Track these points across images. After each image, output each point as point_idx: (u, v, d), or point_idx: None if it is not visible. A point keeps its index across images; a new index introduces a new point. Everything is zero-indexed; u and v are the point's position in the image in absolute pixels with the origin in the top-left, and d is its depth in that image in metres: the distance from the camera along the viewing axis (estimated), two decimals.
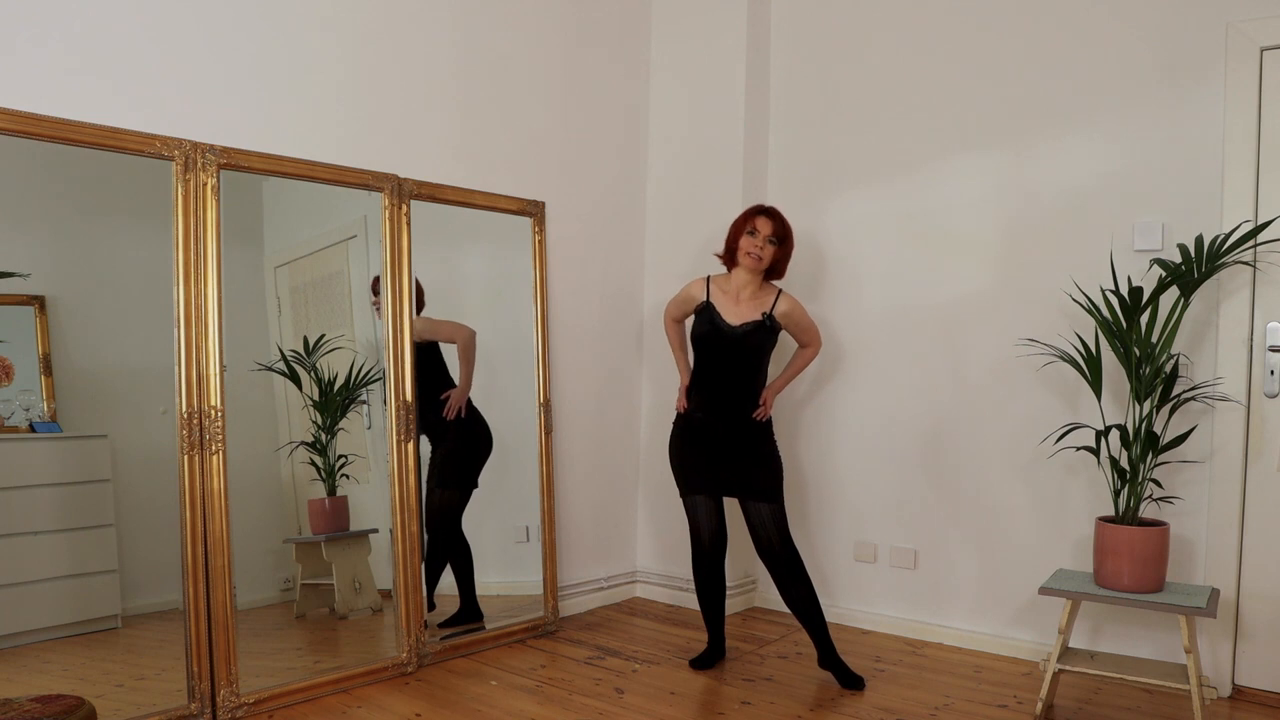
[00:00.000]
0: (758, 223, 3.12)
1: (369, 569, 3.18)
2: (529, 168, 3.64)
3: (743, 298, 3.15)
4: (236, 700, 2.63)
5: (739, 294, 3.16)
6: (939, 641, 3.51)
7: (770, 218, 3.14)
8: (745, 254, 3.11)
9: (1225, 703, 2.93)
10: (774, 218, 3.14)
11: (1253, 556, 2.95)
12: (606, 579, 4.00)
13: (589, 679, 3.05)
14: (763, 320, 3.12)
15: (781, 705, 2.85)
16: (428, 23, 3.29)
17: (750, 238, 3.11)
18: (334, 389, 3.11)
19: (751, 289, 3.16)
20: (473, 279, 3.64)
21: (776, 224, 3.14)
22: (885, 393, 3.66)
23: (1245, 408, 2.94)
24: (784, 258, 3.18)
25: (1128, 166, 3.14)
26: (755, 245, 3.11)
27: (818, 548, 3.83)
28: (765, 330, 3.12)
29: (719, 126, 3.90)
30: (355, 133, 3.08)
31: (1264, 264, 2.91)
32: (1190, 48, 3.03)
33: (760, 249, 3.11)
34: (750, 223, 3.13)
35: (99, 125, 2.46)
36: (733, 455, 3.10)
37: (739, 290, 3.16)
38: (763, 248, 3.11)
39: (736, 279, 3.18)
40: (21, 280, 2.47)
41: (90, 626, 2.65)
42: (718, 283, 3.21)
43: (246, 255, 2.95)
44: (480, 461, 3.44)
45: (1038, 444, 3.26)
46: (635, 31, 4.06)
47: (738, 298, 3.15)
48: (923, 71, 3.58)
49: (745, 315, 3.13)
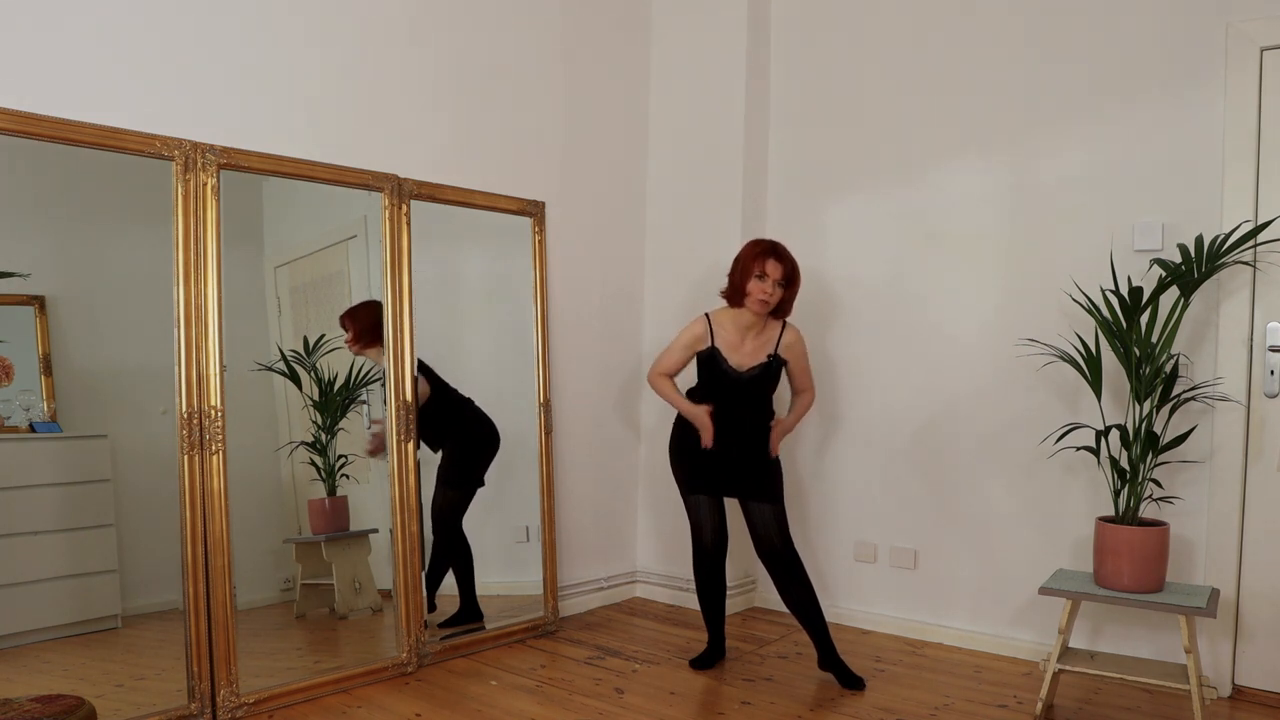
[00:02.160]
0: (768, 266, 3.00)
1: (369, 569, 3.18)
2: (529, 168, 3.64)
3: (748, 338, 3.09)
4: (236, 700, 2.63)
5: (744, 335, 3.09)
6: (939, 641, 3.51)
7: (780, 260, 3.03)
8: (755, 299, 3.01)
9: (1225, 703, 2.93)
10: (783, 259, 3.03)
11: (1253, 556, 2.95)
12: (606, 579, 4.00)
13: (589, 679, 3.05)
14: (769, 361, 3.10)
15: (781, 705, 2.85)
16: (428, 23, 3.29)
17: (760, 282, 3.00)
18: (334, 389, 3.11)
19: (757, 328, 3.10)
20: (473, 279, 3.64)
21: (786, 266, 3.03)
22: (885, 392, 3.66)
23: (1245, 408, 2.94)
24: (792, 297, 3.10)
25: (1128, 167, 3.14)
26: (765, 291, 3.00)
27: (818, 548, 3.83)
28: (772, 369, 3.11)
29: (719, 126, 3.90)
30: (355, 133, 3.08)
31: (1264, 264, 2.91)
32: (1190, 48, 3.03)
33: (770, 294, 3.01)
34: (760, 266, 3.01)
35: (99, 125, 2.46)
36: (734, 456, 3.10)
37: (744, 331, 3.09)
38: (772, 293, 3.02)
39: (741, 319, 3.09)
40: (21, 280, 2.47)
41: (90, 626, 2.66)
42: (720, 321, 3.11)
43: (246, 255, 2.95)
44: (484, 461, 3.44)
45: (1038, 444, 3.26)
46: (635, 31, 4.06)
47: (743, 339, 3.09)
48: (923, 71, 3.58)
49: (752, 358, 3.08)
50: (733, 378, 3.07)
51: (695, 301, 3.88)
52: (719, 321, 3.12)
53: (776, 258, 3.03)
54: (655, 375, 3.21)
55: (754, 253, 3.05)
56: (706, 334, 3.10)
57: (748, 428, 3.11)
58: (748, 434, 3.11)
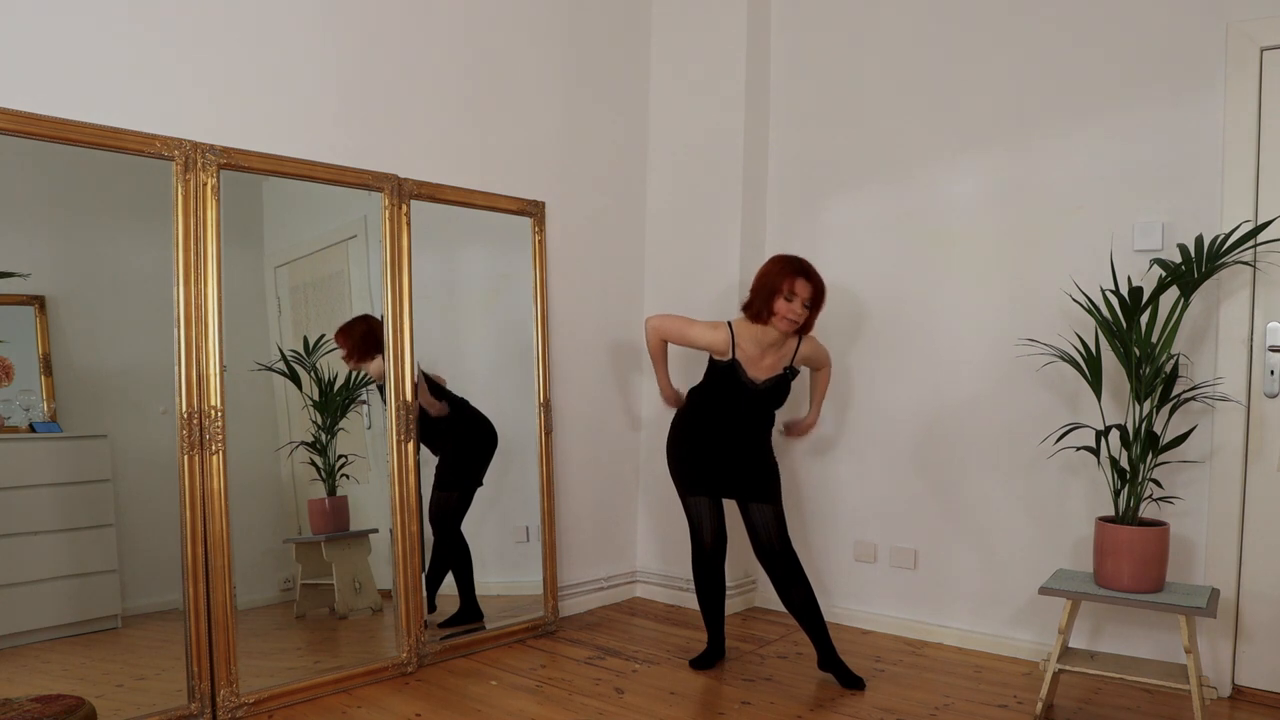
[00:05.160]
0: (797, 286, 2.94)
1: (369, 569, 3.18)
2: (529, 168, 3.64)
3: (768, 354, 3.07)
4: (236, 700, 2.63)
5: (765, 350, 3.06)
6: (939, 641, 3.51)
7: (809, 280, 2.96)
8: (783, 319, 2.95)
9: (1225, 703, 2.93)
10: (812, 279, 2.98)
11: (1253, 556, 2.95)
12: (606, 579, 4.00)
13: (589, 679, 3.05)
14: (785, 373, 3.11)
15: (781, 705, 2.85)
16: (428, 22, 3.29)
17: (788, 302, 2.94)
18: (334, 389, 3.11)
19: (778, 344, 3.07)
20: (473, 279, 3.64)
21: (815, 286, 2.98)
22: (885, 391, 3.66)
23: (1245, 408, 2.94)
24: (816, 316, 3.06)
25: (1128, 166, 3.14)
26: (795, 311, 2.94)
27: (817, 548, 3.83)
28: (787, 380, 3.12)
29: (719, 126, 3.90)
30: (355, 133, 3.08)
31: (1264, 264, 2.91)
32: (1190, 48, 3.03)
33: (799, 315, 2.96)
34: (789, 285, 2.94)
35: (99, 125, 2.46)
36: (732, 457, 3.11)
37: (766, 348, 3.05)
38: (801, 313, 2.97)
39: (765, 337, 3.03)
40: (21, 280, 2.47)
41: (90, 626, 2.66)
42: (741, 334, 3.05)
43: (246, 255, 2.95)
44: (482, 461, 3.44)
45: (1038, 444, 3.26)
46: (635, 31, 4.06)
47: (763, 354, 3.06)
48: (923, 71, 3.58)
49: (770, 370, 3.08)
50: (750, 390, 3.07)
51: (695, 301, 3.88)
52: (740, 334, 3.06)
53: (806, 277, 2.96)
54: (656, 335, 3.19)
55: (783, 271, 2.96)
56: (728, 347, 3.05)
57: (749, 431, 3.12)
58: (748, 437, 3.12)
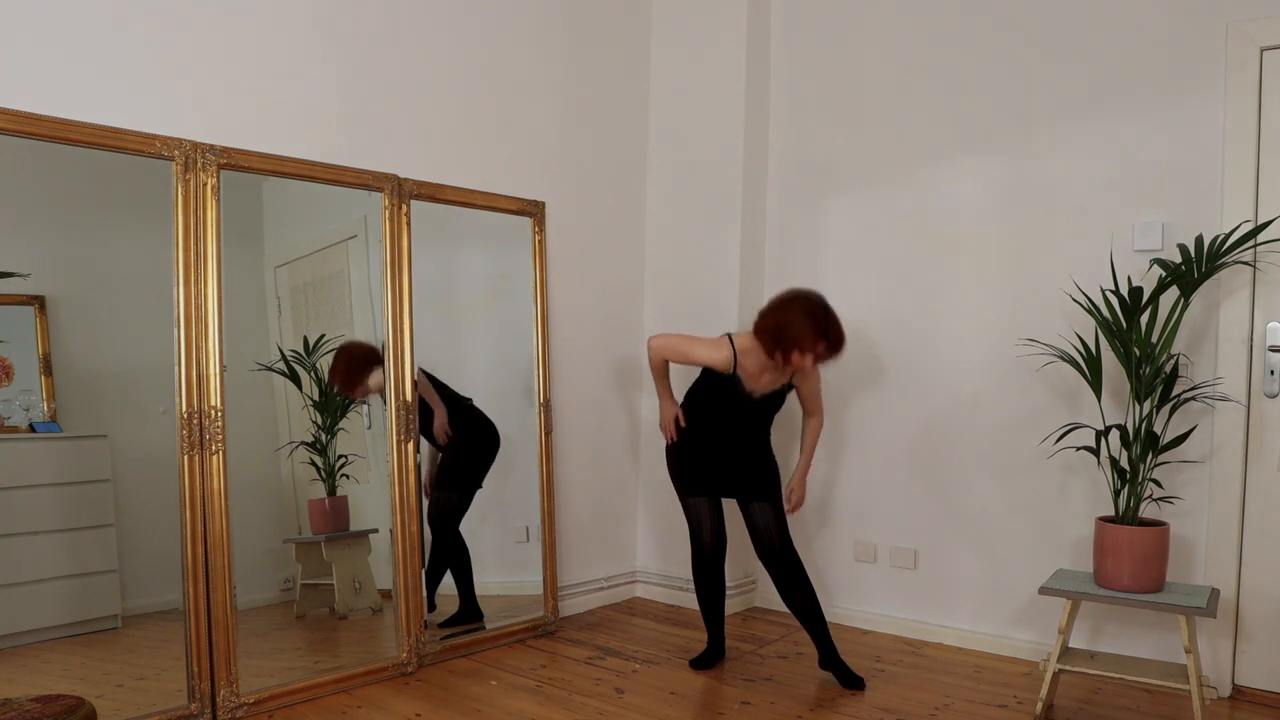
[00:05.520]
0: (819, 349, 2.90)
1: (369, 569, 3.18)
2: (529, 168, 3.64)
3: (768, 372, 3.06)
4: (236, 700, 2.63)
5: (765, 369, 3.05)
6: (939, 641, 3.51)
7: (831, 346, 2.91)
8: (794, 364, 2.93)
9: (1225, 703, 2.93)
10: (837, 349, 2.93)
11: (1253, 556, 2.95)
12: (606, 579, 4.00)
13: (589, 679, 3.05)
14: (781, 389, 3.12)
15: (781, 705, 2.85)
16: (428, 23, 3.29)
17: (803, 356, 2.90)
18: (334, 389, 3.11)
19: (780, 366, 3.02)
20: (473, 279, 3.64)
21: (836, 352, 2.93)
22: (885, 391, 3.66)
23: (1245, 408, 2.94)
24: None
25: (1128, 166, 3.14)
26: (807, 363, 2.92)
27: (817, 548, 3.83)
28: (784, 392, 3.14)
29: (719, 126, 3.90)
30: (355, 133, 3.08)
31: (1264, 264, 2.91)
32: (1190, 48, 3.03)
33: (810, 366, 2.96)
34: (815, 350, 2.89)
35: (99, 125, 2.46)
36: (731, 458, 3.11)
37: (766, 367, 3.04)
38: (813, 365, 2.96)
39: (770, 362, 3.00)
40: (21, 280, 2.47)
41: (90, 626, 2.65)
42: (744, 351, 3.04)
43: (246, 255, 2.95)
44: (483, 463, 3.44)
45: (1038, 444, 3.26)
46: (636, 31, 4.06)
47: (763, 372, 3.06)
48: (923, 71, 3.58)
49: (768, 385, 3.09)
50: (748, 402, 3.09)
51: (695, 302, 3.88)
52: (743, 351, 3.05)
53: (828, 342, 2.90)
54: (659, 355, 3.18)
55: (811, 332, 2.87)
56: (730, 364, 3.05)
57: (748, 432, 3.12)
58: (747, 437, 3.12)
